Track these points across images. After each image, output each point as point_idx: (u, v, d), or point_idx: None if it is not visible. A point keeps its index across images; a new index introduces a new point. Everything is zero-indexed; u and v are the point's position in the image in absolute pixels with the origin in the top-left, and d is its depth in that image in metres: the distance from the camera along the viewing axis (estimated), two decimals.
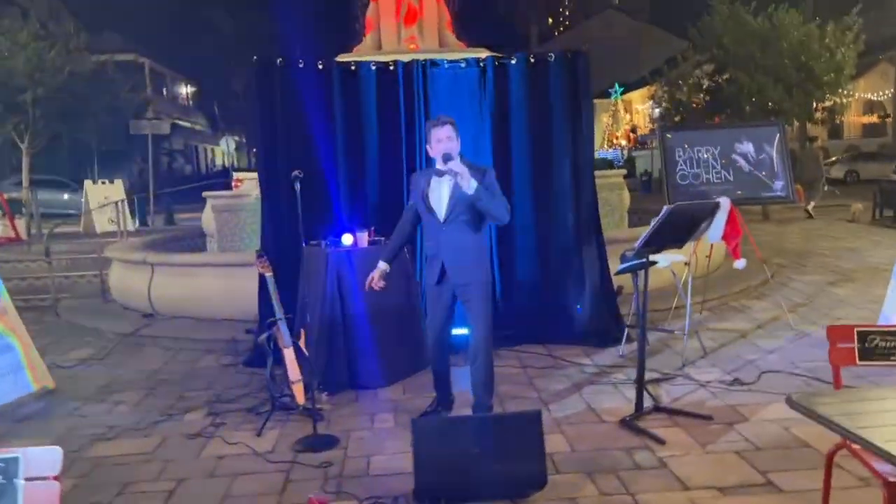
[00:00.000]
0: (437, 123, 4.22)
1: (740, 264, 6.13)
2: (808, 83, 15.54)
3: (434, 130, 4.21)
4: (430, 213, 4.29)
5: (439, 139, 4.19)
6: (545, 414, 4.68)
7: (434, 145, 4.24)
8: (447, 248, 4.24)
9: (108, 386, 5.88)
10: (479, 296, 4.30)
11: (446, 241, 4.24)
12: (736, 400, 4.84)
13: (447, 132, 4.19)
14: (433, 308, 4.47)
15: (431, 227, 4.31)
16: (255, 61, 6.10)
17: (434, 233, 4.29)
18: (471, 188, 4.06)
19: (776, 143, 6.44)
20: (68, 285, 11.16)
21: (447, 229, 4.23)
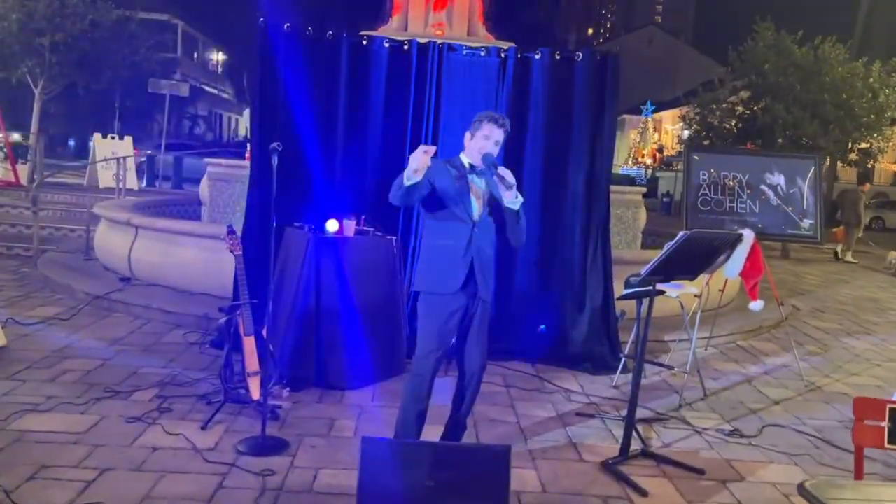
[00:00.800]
0: (496, 122, 3.60)
1: (756, 306, 5.62)
2: (847, 122, 14.93)
3: (486, 125, 3.58)
4: (458, 206, 3.56)
5: (487, 136, 3.57)
6: (520, 443, 4.25)
7: (479, 139, 3.58)
8: (477, 255, 3.58)
9: (61, 351, 5.48)
10: (489, 313, 3.77)
11: (478, 244, 3.58)
12: (733, 454, 4.37)
13: (499, 136, 3.61)
14: (444, 323, 3.60)
15: (456, 224, 3.56)
16: (261, 24, 5.66)
17: (460, 231, 3.56)
18: (516, 202, 3.50)
19: (810, 178, 5.94)
20: (58, 237, 10.83)
21: (478, 232, 3.59)
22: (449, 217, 3.58)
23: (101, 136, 15.63)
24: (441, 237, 3.61)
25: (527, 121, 5.93)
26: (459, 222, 3.57)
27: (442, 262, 3.60)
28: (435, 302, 3.61)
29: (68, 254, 9.13)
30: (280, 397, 4.73)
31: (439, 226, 3.62)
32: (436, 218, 3.63)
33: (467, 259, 3.56)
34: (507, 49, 5.87)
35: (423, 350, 3.64)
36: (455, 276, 3.56)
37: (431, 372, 3.64)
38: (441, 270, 3.60)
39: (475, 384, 3.80)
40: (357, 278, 5.09)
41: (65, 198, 13.50)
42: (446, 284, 3.58)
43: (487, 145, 3.57)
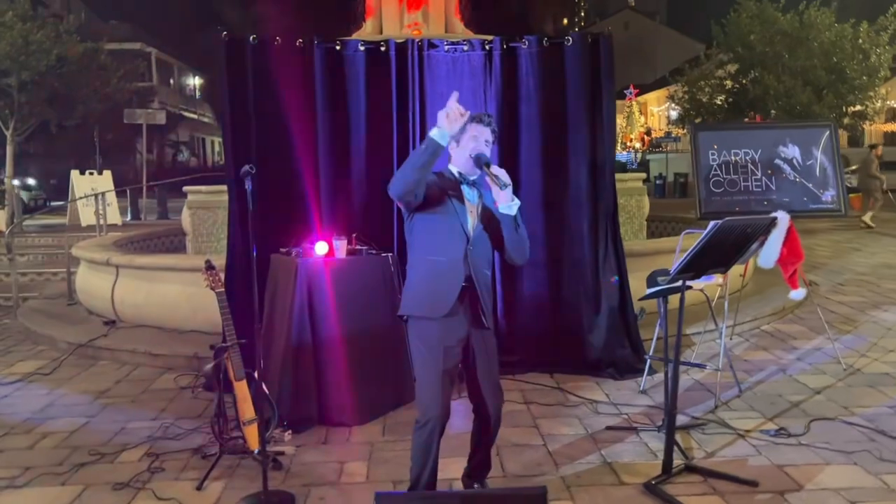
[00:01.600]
0: (480, 120, 3.18)
1: (798, 294, 5.19)
2: (840, 85, 14.59)
3: (472, 126, 3.15)
4: (451, 218, 3.11)
5: (476, 136, 3.15)
6: (551, 470, 3.84)
7: (468, 143, 3.14)
8: (474, 270, 3.13)
9: (42, 411, 5.05)
10: (493, 343, 3.30)
11: (473, 260, 3.13)
12: (784, 458, 3.96)
13: (488, 135, 3.19)
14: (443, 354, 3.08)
15: (449, 238, 3.11)
16: (224, 38, 5.24)
17: (454, 246, 3.11)
18: (512, 206, 3.04)
19: (826, 146, 5.54)
20: (39, 283, 10.39)
21: (474, 248, 3.14)
22: (440, 231, 3.12)
23: (79, 174, 15.17)
24: (431, 252, 3.13)
25: (519, 114, 5.52)
26: (452, 236, 3.12)
27: (432, 280, 3.11)
28: (427, 329, 3.10)
29: (50, 300, 8.71)
30: (282, 442, 4.31)
31: (429, 240, 3.14)
32: (425, 232, 3.15)
33: (461, 276, 3.09)
34: (491, 40, 5.46)
35: (425, 392, 3.10)
36: (447, 295, 3.08)
37: (439, 418, 3.08)
38: (431, 290, 3.11)
39: (495, 423, 3.33)
40: (354, 302, 4.68)
41: (46, 240, 13.07)
42: (437, 306, 3.08)
43: (478, 146, 3.15)
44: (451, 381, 3.16)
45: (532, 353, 5.56)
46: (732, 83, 15.83)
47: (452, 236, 3.11)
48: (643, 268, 6.38)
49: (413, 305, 3.15)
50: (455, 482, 3.70)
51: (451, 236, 3.11)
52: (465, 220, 3.13)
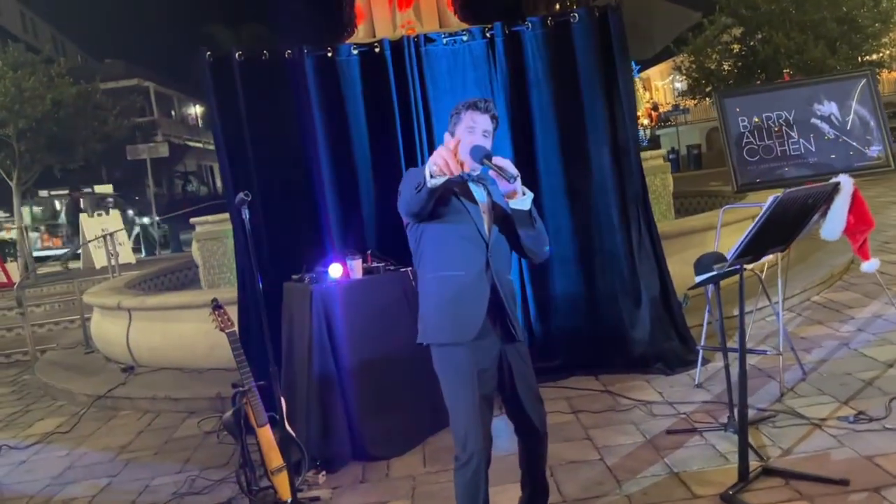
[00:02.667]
0: (476, 107, 2.74)
1: (870, 266, 4.74)
2: (852, 35, 14.04)
3: (467, 114, 2.72)
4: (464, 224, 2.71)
5: (472, 127, 2.70)
6: (614, 489, 3.47)
7: (463, 134, 2.70)
8: (500, 283, 2.75)
9: (61, 475, 4.75)
10: (527, 353, 2.91)
11: (495, 269, 2.75)
12: (870, 447, 3.55)
13: (486, 123, 2.73)
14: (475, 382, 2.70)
15: (465, 247, 2.71)
16: (209, 58, 4.91)
17: (472, 255, 2.71)
18: (524, 200, 2.62)
19: (866, 97, 5.11)
20: (57, 332, 10.17)
21: (495, 256, 2.75)
22: (455, 240, 2.71)
23: (87, 216, 14.98)
24: (447, 267, 2.72)
25: (530, 101, 5.15)
26: (469, 244, 2.71)
27: (454, 300, 2.69)
28: (455, 355, 2.70)
29: (69, 350, 8.45)
30: (317, 485, 3.98)
31: (443, 253, 2.73)
32: (437, 243, 2.73)
33: (486, 290, 2.70)
34: (491, 27, 5.09)
35: (462, 426, 2.69)
36: (474, 315, 2.68)
37: (483, 451, 2.68)
38: (454, 311, 2.70)
39: (543, 437, 2.95)
40: (376, 324, 4.33)
41: (61, 288, 12.85)
42: (464, 329, 2.68)
43: (475, 138, 2.69)
44: (489, 407, 2.79)
45: (572, 355, 5.19)
46: (740, 46, 15.32)
47: (469, 245, 2.71)
48: (679, 249, 6.01)
49: (435, 332, 2.75)
50: None
51: (468, 245, 2.71)
52: (481, 223, 2.73)
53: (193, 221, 8.54)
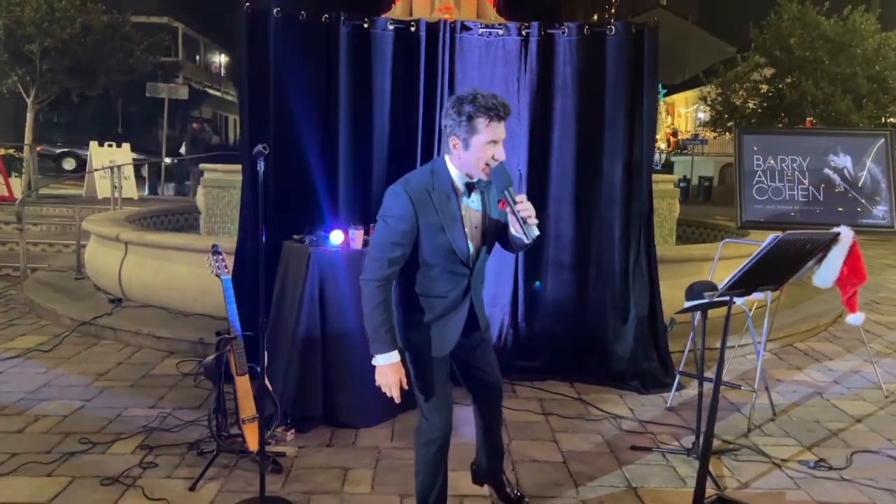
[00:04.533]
0: (497, 115, 2.52)
1: (856, 319, 4.82)
2: (881, 95, 14.08)
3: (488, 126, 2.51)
4: (448, 256, 2.66)
5: (494, 140, 2.53)
6: (570, 491, 3.55)
7: (484, 150, 2.53)
8: (476, 299, 2.83)
9: (36, 392, 4.82)
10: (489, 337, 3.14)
11: (475, 289, 2.81)
12: (826, 494, 3.64)
13: (503, 132, 2.57)
14: (444, 375, 2.82)
15: (448, 276, 2.70)
16: (247, 9, 4.94)
17: (453, 282, 2.71)
18: (532, 234, 2.56)
19: (880, 157, 5.17)
20: (51, 254, 10.23)
21: (475, 277, 2.78)
22: (436, 268, 2.68)
23: (97, 145, 14.99)
24: (427, 292, 2.72)
25: (553, 106, 5.20)
26: (451, 274, 2.70)
27: (431, 320, 2.72)
28: (433, 362, 2.77)
29: (59, 272, 8.51)
30: (283, 441, 4.05)
31: (423, 276, 2.70)
32: (423, 266, 2.68)
33: (463, 313, 2.76)
34: (528, 25, 5.13)
35: (432, 412, 2.81)
36: (451, 335, 2.75)
37: (443, 424, 2.83)
38: (431, 330, 2.73)
39: (498, 403, 3.15)
40: None
41: (61, 210, 12.92)
42: (439, 346, 2.74)
43: (498, 151, 2.54)
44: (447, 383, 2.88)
45: (552, 359, 5.27)
46: (768, 87, 15.36)
47: (451, 274, 2.70)
48: (673, 275, 6.07)
49: (412, 345, 2.76)
50: (466, 499, 3.42)
51: (451, 274, 2.70)
52: (464, 249, 2.67)
53: (203, 167, 8.57)
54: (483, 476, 3.35)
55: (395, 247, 2.58)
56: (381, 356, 2.65)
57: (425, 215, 2.59)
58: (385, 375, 2.65)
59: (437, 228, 2.61)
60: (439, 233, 2.61)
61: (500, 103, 2.55)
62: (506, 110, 2.56)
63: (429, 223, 2.60)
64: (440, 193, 2.61)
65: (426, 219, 2.59)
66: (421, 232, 2.60)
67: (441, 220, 2.60)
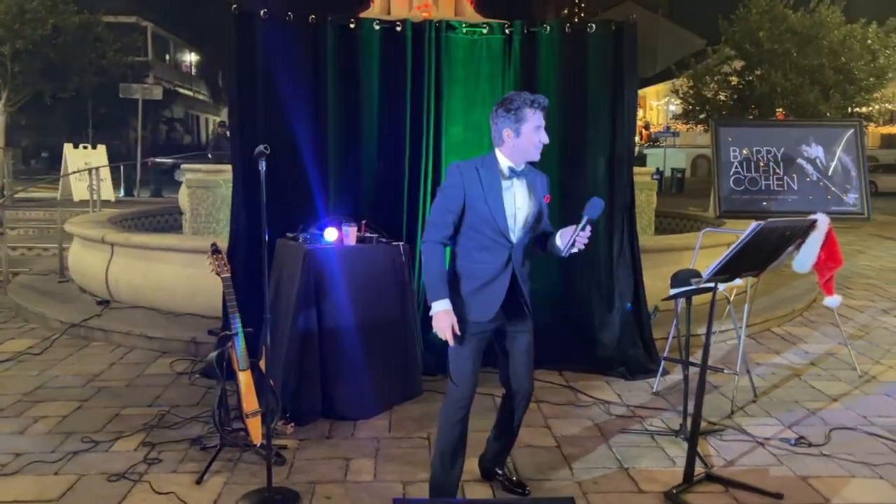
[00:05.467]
0: (540, 105, 2.99)
1: (833, 301, 5.03)
2: (847, 86, 14.44)
3: (534, 113, 2.98)
4: (492, 227, 3.01)
5: (539, 126, 2.99)
6: (565, 474, 3.70)
7: (529, 133, 2.98)
8: (519, 274, 3.11)
9: (32, 393, 4.85)
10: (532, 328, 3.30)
11: (517, 264, 3.09)
12: (806, 468, 3.82)
13: (544, 119, 3.03)
14: (476, 349, 3.11)
15: (492, 246, 3.03)
16: (235, 11, 5.01)
17: (496, 253, 3.04)
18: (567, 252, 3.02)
19: (851, 147, 5.38)
20: (30, 258, 10.17)
21: (517, 252, 3.09)
22: (481, 237, 3.03)
23: (72, 147, 14.86)
24: (473, 259, 3.06)
25: None
26: (495, 245, 3.04)
27: (477, 289, 3.04)
28: (467, 328, 3.06)
29: (41, 276, 8.47)
30: (284, 435, 4.14)
31: (471, 244, 3.06)
32: (466, 235, 3.06)
33: (505, 283, 3.05)
34: (511, 24, 5.26)
35: (459, 379, 3.12)
36: (491, 302, 3.05)
37: (469, 393, 3.14)
38: (474, 296, 3.05)
39: (525, 404, 3.35)
40: (362, 292, 4.49)
41: (38, 214, 12.83)
42: (481, 312, 3.06)
43: (543, 135, 3.02)
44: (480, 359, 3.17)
45: (541, 349, 5.35)
46: (739, 80, 15.66)
47: (494, 244, 3.04)
48: (654, 265, 6.24)
49: (461, 309, 3.05)
50: (466, 484, 3.55)
51: (493, 244, 3.04)
52: (506, 227, 3.03)
53: (185, 168, 8.59)
54: (487, 465, 3.56)
55: (447, 212, 3.04)
56: (437, 303, 2.98)
57: (472, 187, 3.01)
58: (440, 320, 2.97)
59: (481, 199, 3.00)
60: (482, 203, 3.00)
61: (538, 97, 3.04)
62: (543, 101, 3.03)
63: (474, 194, 3.01)
64: (487, 172, 3.04)
65: (472, 190, 3.01)
66: (467, 201, 3.01)
67: (484, 193, 3.00)
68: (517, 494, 3.46)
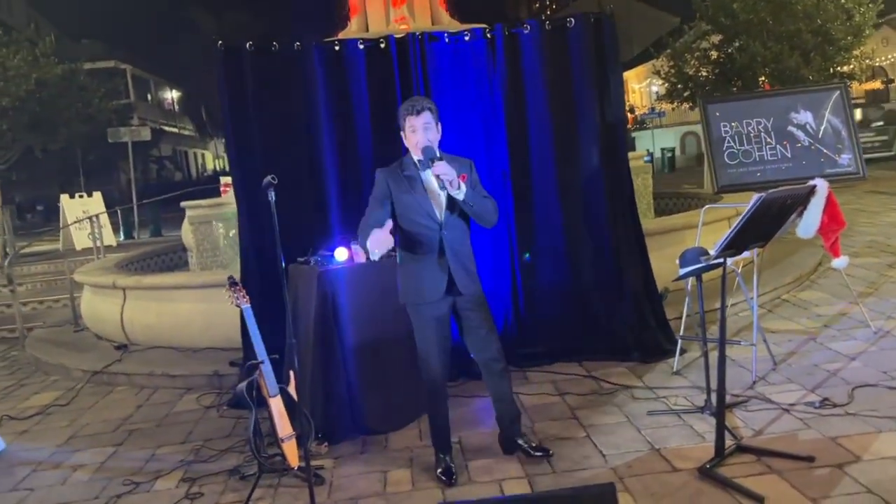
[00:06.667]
0: (412, 110, 3.56)
1: (840, 263, 5.11)
2: (826, 47, 14.53)
3: (409, 119, 3.56)
4: (421, 211, 3.55)
5: (414, 128, 3.55)
6: (599, 462, 3.76)
7: (409, 135, 3.59)
8: (452, 255, 3.58)
9: (67, 443, 4.93)
10: (485, 302, 3.76)
11: (449, 246, 3.57)
12: (834, 429, 3.89)
13: (425, 119, 3.55)
14: (435, 329, 3.65)
15: (424, 230, 3.57)
16: (221, 47, 5.10)
17: (429, 238, 3.57)
18: (461, 193, 3.47)
19: (838, 109, 5.46)
20: (42, 311, 10.23)
21: (448, 233, 3.58)
22: (415, 226, 3.56)
23: (68, 197, 14.95)
24: (413, 247, 3.60)
25: (526, 100, 5.42)
26: (426, 229, 3.55)
27: (419, 273, 3.59)
28: (421, 311, 3.64)
29: (56, 328, 8.54)
30: (319, 455, 4.21)
31: (409, 234, 3.59)
32: (403, 228, 3.60)
33: (444, 265, 3.56)
34: (493, 28, 5.34)
35: (426, 358, 3.68)
36: (435, 284, 3.57)
37: (439, 375, 3.70)
38: (420, 280, 3.60)
39: (499, 373, 3.76)
40: (377, 307, 4.56)
41: (43, 267, 12.88)
42: (428, 294, 3.59)
43: (420, 137, 3.51)
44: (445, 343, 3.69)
45: (558, 342, 5.48)
46: (718, 54, 15.77)
47: (426, 230, 3.55)
48: (658, 247, 6.32)
49: (409, 295, 3.67)
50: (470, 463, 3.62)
51: (425, 230, 3.55)
52: (432, 210, 3.54)
53: (185, 205, 8.65)
54: (506, 441, 3.90)
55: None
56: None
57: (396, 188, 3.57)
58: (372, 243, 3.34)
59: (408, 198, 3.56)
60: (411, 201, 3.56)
61: (414, 99, 3.69)
62: (417, 102, 3.60)
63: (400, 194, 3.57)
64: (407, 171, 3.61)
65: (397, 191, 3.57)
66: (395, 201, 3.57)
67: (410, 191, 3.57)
68: (541, 457, 3.79)
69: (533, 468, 3.76)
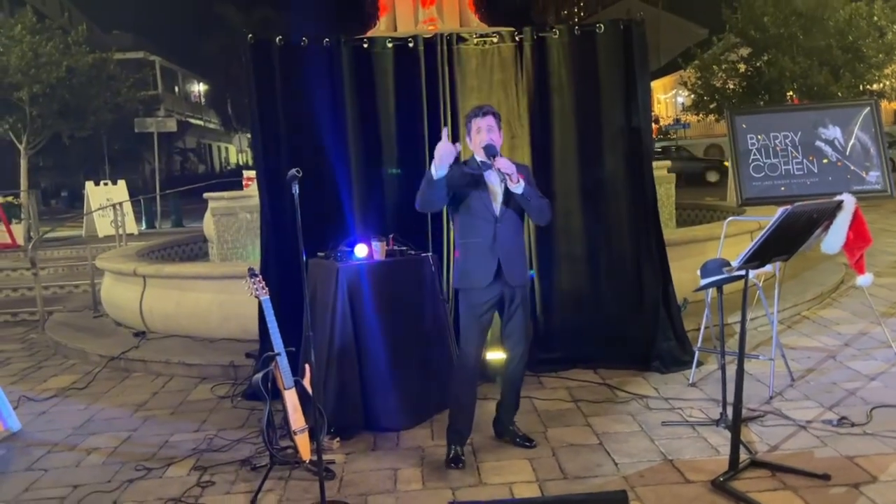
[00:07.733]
0: (479, 112, 3.83)
1: (865, 280, 5.04)
2: (857, 65, 14.36)
3: (475, 120, 3.82)
4: (480, 203, 3.80)
5: (479, 129, 3.79)
6: (611, 469, 3.74)
7: (473, 136, 3.82)
8: (504, 246, 3.82)
9: (82, 427, 4.98)
10: (527, 298, 4.06)
11: (502, 238, 3.82)
12: (851, 448, 3.84)
13: (489, 122, 3.80)
14: (478, 315, 3.86)
15: (480, 221, 3.81)
16: (251, 41, 5.14)
17: (485, 228, 3.80)
18: (519, 187, 3.70)
19: (868, 125, 5.40)
20: (63, 296, 10.35)
21: (502, 226, 3.82)
22: (473, 216, 3.82)
23: (93, 185, 15.14)
24: (469, 235, 3.85)
25: (551, 106, 5.40)
26: (483, 220, 3.80)
27: (472, 259, 3.83)
28: (471, 296, 3.86)
29: (76, 312, 8.65)
30: (331, 450, 4.22)
31: (466, 224, 3.86)
32: (462, 217, 3.87)
33: (494, 254, 3.79)
34: (521, 32, 5.34)
35: (466, 341, 3.90)
36: (486, 270, 3.79)
37: (475, 360, 3.92)
38: (473, 266, 3.83)
39: (518, 362, 4.01)
40: (395, 304, 4.58)
41: (65, 252, 13.04)
42: (479, 279, 3.81)
43: (483, 137, 3.76)
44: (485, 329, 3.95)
45: (574, 349, 5.45)
46: (746, 67, 15.64)
47: (483, 221, 3.80)
48: (679, 257, 6.28)
49: (462, 280, 3.90)
50: (514, 485, 3.61)
51: (482, 221, 3.80)
52: (490, 204, 3.80)
53: (208, 196, 8.73)
54: (499, 426, 4.19)
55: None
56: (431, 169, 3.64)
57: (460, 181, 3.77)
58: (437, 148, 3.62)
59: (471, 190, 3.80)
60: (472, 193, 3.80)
61: (481, 106, 3.93)
62: (483, 107, 3.87)
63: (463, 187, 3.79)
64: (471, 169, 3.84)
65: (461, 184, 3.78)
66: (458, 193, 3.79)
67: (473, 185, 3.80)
68: (526, 448, 4.04)
69: (544, 472, 3.75)
